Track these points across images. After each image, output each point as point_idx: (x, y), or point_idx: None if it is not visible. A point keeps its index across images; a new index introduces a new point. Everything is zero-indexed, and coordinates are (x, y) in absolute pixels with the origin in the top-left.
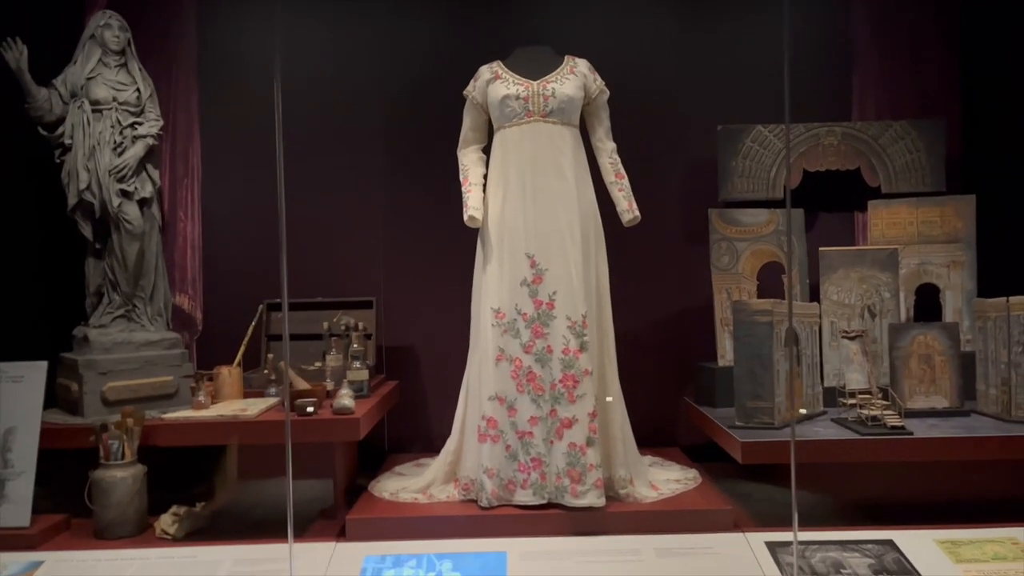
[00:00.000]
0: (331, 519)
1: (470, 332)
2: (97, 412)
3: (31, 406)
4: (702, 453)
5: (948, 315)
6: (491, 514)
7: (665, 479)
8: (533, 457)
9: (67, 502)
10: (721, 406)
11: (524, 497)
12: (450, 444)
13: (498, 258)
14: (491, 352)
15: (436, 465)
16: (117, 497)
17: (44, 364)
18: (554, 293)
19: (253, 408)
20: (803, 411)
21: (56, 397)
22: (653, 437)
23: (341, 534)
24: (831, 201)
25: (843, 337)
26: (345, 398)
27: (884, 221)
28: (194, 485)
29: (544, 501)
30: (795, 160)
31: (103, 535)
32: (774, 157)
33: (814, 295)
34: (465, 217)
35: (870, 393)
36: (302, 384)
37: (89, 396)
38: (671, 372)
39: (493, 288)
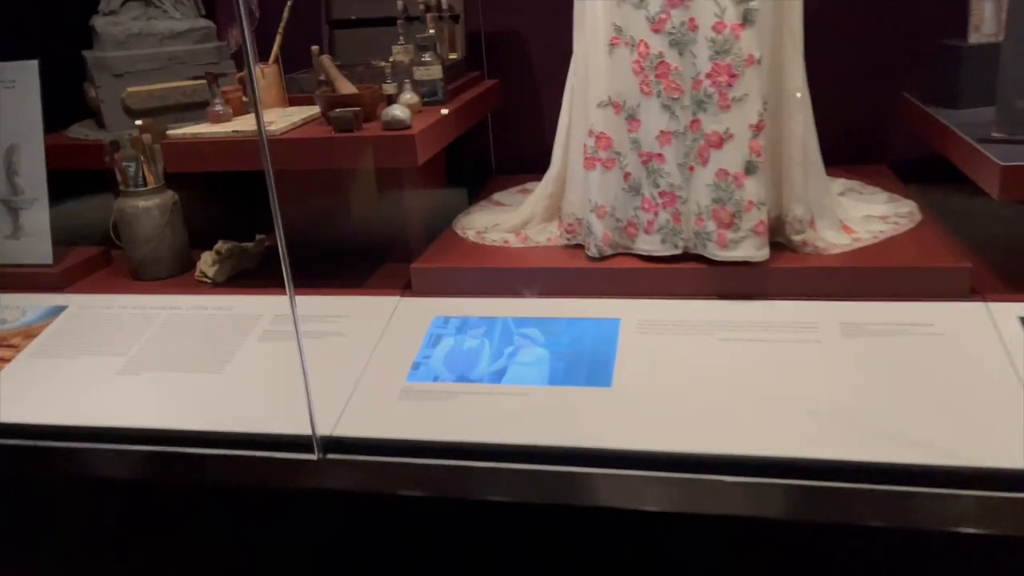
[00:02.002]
0: (403, 262)
1: (573, 5)
2: (122, 125)
3: (31, 117)
4: (927, 176)
5: None
6: (602, 267)
7: (864, 216)
8: (663, 190)
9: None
10: (967, 106)
11: (649, 245)
12: (551, 169)
13: None
14: (601, 33)
15: (534, 198)
16: (143, 232)
17: (35, 63)
18: None
19: (283, 121)
20: None
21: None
22: (851, 151)
23: (409, 286)
24: None
25: None
26: (397, 108)
27: None
28: (246, 218)
29: (678, 251)
30: None
31: (138, 275)
32: None
33: None
34: None
35: None
36: (347, 87)
37: (108, 105)
38: (886, 56)
39: None
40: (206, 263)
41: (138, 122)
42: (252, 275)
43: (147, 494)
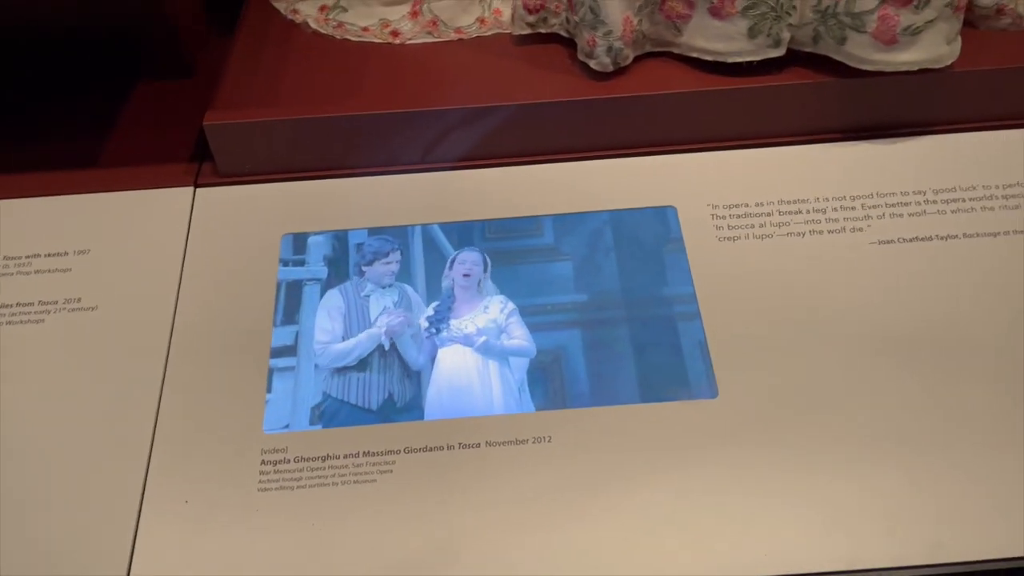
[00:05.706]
0: (173, 76)
1: None
2: None
3: None
4: None
5: None
6: (619, 93)
7: None
8: None
9: None
10: None
11: (720, 40)
12: None
13: None
14: None
15: None
16: None
17: None
18: None
19: None
20: None
21: None
22: None
23: (209, 157)
24: None
25: None
26: None
27: None
28: None
29: (779, 52)
30: None
31: None
32: None
33: None
34: None
35: None
36: None
37: None
38: None
39: None
40: None
41: None
42: None
43: None
